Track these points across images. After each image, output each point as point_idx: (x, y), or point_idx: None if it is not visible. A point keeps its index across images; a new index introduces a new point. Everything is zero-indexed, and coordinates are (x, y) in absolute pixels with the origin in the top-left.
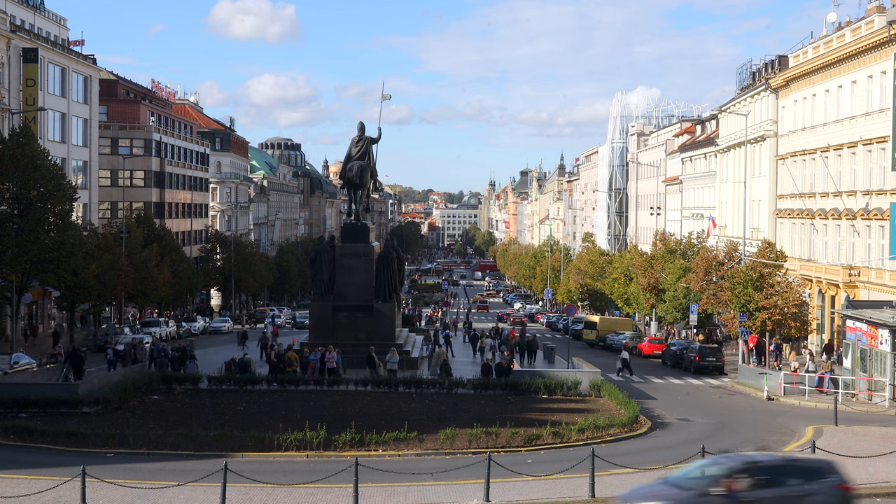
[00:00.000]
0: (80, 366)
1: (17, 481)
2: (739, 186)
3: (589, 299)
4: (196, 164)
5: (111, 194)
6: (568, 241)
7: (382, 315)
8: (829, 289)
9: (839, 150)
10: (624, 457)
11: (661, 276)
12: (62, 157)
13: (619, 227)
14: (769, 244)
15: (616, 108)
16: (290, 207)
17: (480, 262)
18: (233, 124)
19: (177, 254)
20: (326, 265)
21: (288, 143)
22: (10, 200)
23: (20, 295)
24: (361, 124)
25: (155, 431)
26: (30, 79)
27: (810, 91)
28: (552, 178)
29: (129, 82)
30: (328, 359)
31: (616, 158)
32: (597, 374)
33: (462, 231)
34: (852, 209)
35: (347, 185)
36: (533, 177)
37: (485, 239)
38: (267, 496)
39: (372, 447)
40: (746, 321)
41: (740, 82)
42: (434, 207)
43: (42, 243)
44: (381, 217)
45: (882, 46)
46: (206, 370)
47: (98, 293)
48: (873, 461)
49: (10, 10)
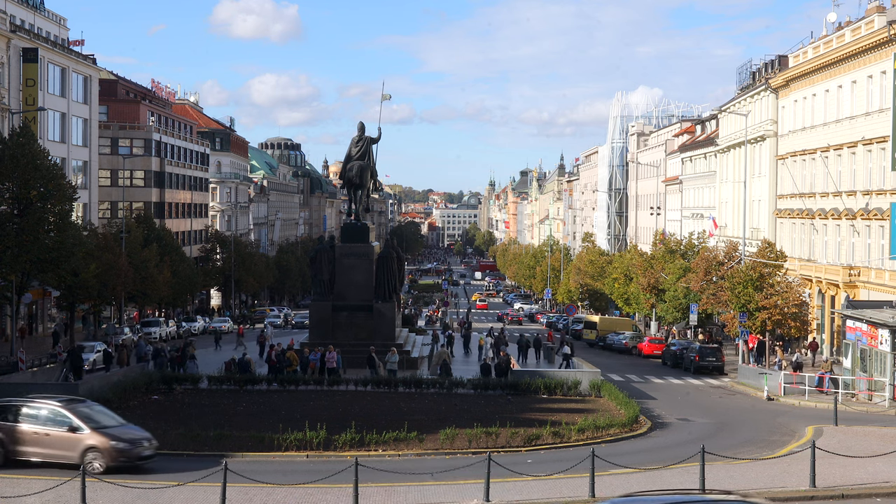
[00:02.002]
0: (80, 366)
1: (17, 481)
2: (739, 186)
3: (589, 299)
4: (196, 164)
5: (111, 194)
6: (568, 241)
7: (382, 315)
8: (829, 289)
9: (839, 150)
10: (624, 457)
11: (661, 276)
12: (62, 157)
13: (619, 227)
14: (769, 244)
15: (616, 108)
16: (290, 207)
17: (480, 262)
18: (233, 124)
19: (177, 254)
20: (326, 265)
21: (288, 142)
22: (10, 200)
23: (20, 295)
24: (361, 124)
25: (155, 431)
26: (30, 79)
27: (810, 91)
28: (552, 178)
29: (129, 82)
30: (328, 359)
31: (616, 158)
32: (597, 374)
33: (462, 231)
34: (852, 209)
35: (347, 185)
36: (533, 177)
37: (485, 239)
38: (267, 496)
39: (372, 447)
40: (746, 321)
41: (740, 82)
42: (434, 207)
43: (42, 243)
44: (381, 217)
45: (882, 46)
46: (206, 370)
47: (98, 293)
48: (873, 461)
49: (10, 10)
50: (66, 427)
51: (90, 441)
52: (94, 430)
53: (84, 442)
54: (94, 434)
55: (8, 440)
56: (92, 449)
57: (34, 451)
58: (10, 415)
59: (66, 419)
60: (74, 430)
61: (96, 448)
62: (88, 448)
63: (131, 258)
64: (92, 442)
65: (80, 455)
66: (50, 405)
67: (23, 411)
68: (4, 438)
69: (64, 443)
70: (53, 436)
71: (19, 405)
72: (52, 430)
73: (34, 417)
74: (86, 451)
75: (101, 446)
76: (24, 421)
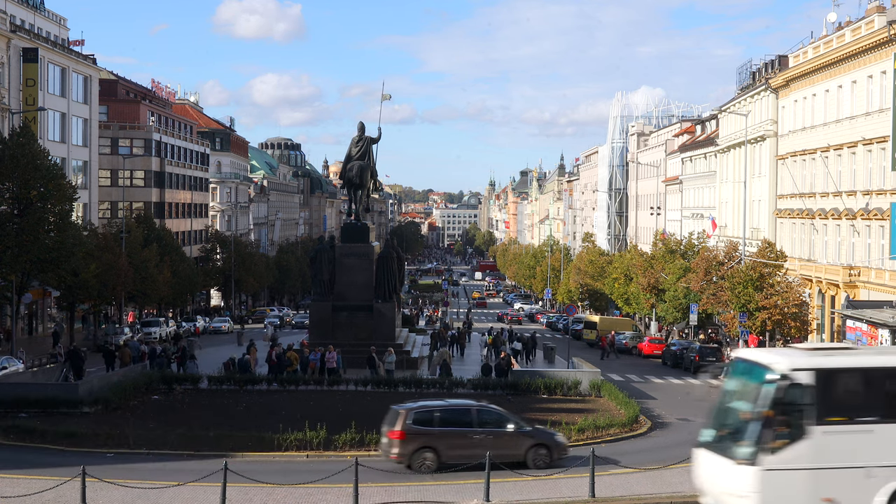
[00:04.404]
0: (80, 366)
1: (17, 481)
2: (739, 186)
3: (589, 299)
4: (196, 164)
5: (111, 194)
6: (568, 241)
7: (382, 315)
8: (829, 289)
9: (839, 150)
10: (624, 457)
11: (661, 276)
12: (62, 157)
13: (619, 227)
14: (769, 244)
15: (616, 107)
16: (290, 207)
17: (480, 262)
18: (233, 124)
19: (177, 254)
20: (326, 265)
21: (288, 142)
22: (10, 200)
23: (20, 295)
24: (361, 124)
25: (155, 431)
26: (30, 79)
27: (810, 91)
28: (552, 178)
29: (129, 82)
30: (328, 359)
31: (616, 158)
32: (597, 374)
33: (462, 231)
34: (852, 209)
35: (347, 185)
36: (533, 177)
37: (485, 239)
38: (267, 496)
39: (372, 447)
40: (746, 321)
41: (740, 82)
42: (434, 207)
43: (42, 243)
44: (381, 217)
45: (882, 46)
46: (206, 370)
47: (98, 293)
48: None
49: (10, 10)
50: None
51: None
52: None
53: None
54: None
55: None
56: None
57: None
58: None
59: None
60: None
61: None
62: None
63: (131, 258)
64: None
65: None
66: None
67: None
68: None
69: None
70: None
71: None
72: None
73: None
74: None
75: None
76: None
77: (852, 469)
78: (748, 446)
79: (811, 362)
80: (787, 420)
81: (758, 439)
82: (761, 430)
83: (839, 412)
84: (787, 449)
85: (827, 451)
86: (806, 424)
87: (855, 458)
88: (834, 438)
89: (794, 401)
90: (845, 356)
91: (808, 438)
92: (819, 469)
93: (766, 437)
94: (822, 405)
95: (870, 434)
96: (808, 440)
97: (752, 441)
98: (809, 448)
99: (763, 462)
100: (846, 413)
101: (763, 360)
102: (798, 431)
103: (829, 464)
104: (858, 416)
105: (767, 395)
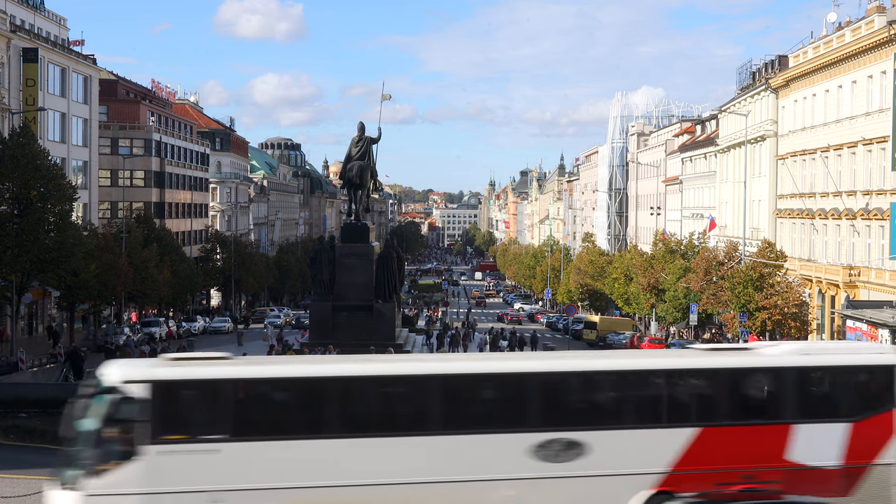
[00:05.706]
0: (80, 366)
1: (17, 481)
2: (739, 186)
3: (589, 299)
4: (196, 164)
5: (111, 194)
6: (568, 241)
7: (382, 315)
8: (829, 289)
9: (839, 150)
10: None
11: (661, 276)
12: (62, 157)
13: (619, 227)
14: (769, 244)
15: (616, 107)
16: (290, 207)
17: (480, 262)
18: (233, 124)
19: (177, 254)
20: (326, 265)
21: (288, 142)
22: (10, 200)
23: (20, 295)
24: (361, 124)
25: None
26: (30, 79)
27: (810, 91)
28: (552, 178)
29: (129, 82)
30: None
31: (616, 158)
32: None
33: (462, 231)
34: (852, 209)
35: (347, 185)
36: (533, 177)
37: (485, 239)
38: None
39: None
40: (746, 321)
41: (740, 82)
42: (434, 207)
43: (42, 243)
44: (381, 217)
45: (882, 46)
46: None
47: (98, 293)
48: None
49: (10, 9)
50: None
51: None
52: None
53: None
54: None
55: None
56: None
57: None
58: None
59: None
60: None
61: None
62: None
63: (131, 258)
64: None
65: None
66: None
67: None
68: None
69: None
70: None
71: None
72: None
73: None
74: None
75: None
76: None
77: (194, 493)
78: (74, 469)
79: (149, 374)
80: (119, 438)
81: (84, 461)
82: (89, 451)
83: (179, 430)
84: (115, 471)
85: (163, 474)
86: (138, 444)
87: (197, 481)
88: (170, 459)
89: (127, 417)
90: (195, 367)
91: (140, 459)
92: (153, 493)
93: (93, 459)
94: (158, 422)
95: (216, 454)
96: (140, 461)
97: (78, 463)
98: (141, 470)
99: (87, 486)
100: (188, 431)
101: (103, 372)
102: (129, 451)
103: (166, 488)
104: (202, 434)
105: (98, 411)
